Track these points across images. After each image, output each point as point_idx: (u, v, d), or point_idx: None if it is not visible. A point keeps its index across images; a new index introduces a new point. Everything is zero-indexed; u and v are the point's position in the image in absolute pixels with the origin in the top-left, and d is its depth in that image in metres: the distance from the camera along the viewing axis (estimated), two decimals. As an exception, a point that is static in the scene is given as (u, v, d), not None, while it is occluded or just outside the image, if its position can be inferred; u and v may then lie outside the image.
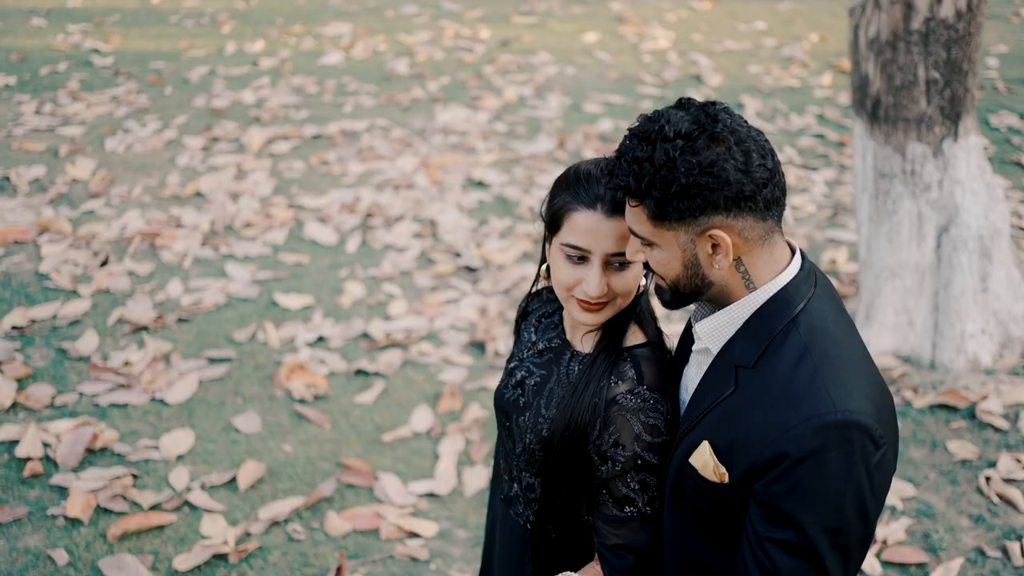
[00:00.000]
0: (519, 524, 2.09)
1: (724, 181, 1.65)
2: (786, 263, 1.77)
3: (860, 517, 1.65)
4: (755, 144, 1.68)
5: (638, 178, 1.69)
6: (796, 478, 1.63)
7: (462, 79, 8.91)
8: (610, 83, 8.88)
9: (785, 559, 1.66)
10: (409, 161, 7.09)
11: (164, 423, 4.46)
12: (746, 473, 1.69)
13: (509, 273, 5.67)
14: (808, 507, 1.63)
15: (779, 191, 1.71)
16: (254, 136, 7.44)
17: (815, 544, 1.64)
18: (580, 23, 10.71)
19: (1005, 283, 4.79)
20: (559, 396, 1.95)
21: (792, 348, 1.70)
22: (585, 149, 7.38)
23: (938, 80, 4.44)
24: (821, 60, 9.58)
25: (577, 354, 1.98)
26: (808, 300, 1.73)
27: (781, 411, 1.65)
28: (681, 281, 1.77)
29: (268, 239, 6.04)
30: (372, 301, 5.42)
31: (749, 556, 1.71)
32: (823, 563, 1.65)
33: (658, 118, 1.72)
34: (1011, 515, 3.98)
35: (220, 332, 5.13)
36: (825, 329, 1.72)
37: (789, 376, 1.67)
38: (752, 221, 1.69)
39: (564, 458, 1.89)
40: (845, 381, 1.66)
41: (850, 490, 1.63)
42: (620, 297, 1.87)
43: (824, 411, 1.62)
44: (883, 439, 1.65)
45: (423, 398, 4.67)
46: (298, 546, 3.82)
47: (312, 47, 9.82)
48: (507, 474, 2.12)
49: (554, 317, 2.10)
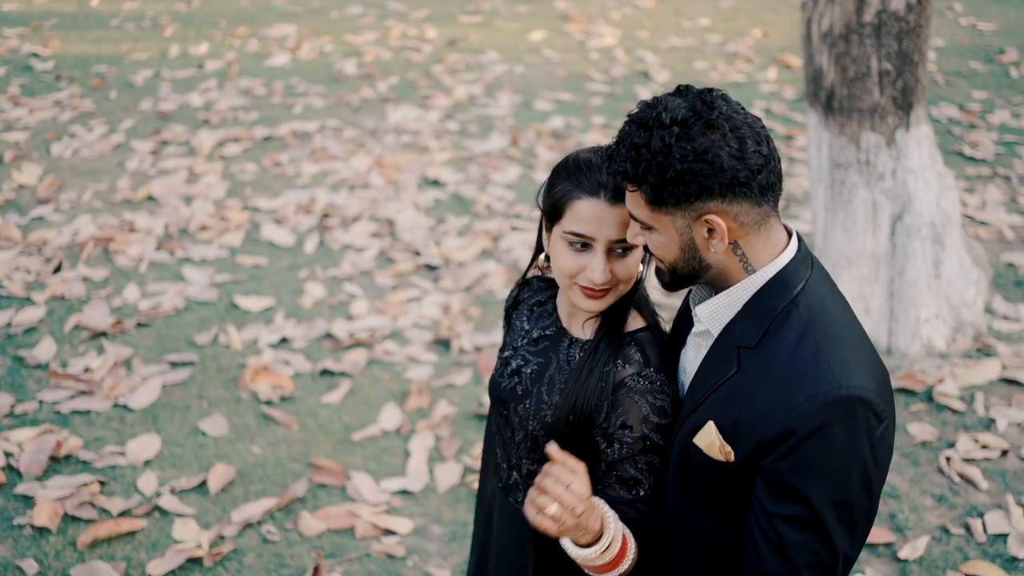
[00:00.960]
0: (519, 512, 2.10)
1: (718, 167, 1.69)
2: (783, 246, 1.81)
3: (865, 490, 1.70)
4: (750, 131, 1.72)
5: (635, 164, 1.72)
6: (803, 454, 1.67)
7: (411, 79, 8.90)
8: (559, 81, 8.93)
9: (793, 533, 1.70)
10: (363, 161, 7.07)
11: (129, 429, 4.41)
12: (752, 451, 1.73)
13: (470, 270, 5.69)
14: (814, 481, 1.67)
15: (774, 177, 1.74)
16: (204, 139, 7.37)
17: (822, 517, 1.68)
18: (526, 22, 10.75)
19: (957, 269, 4.91)
20: (561, 382, 1.97)
21: (793, 328, 1.73)
22: (538, 147, 7.42)
23: (890, 71, 4.54)
24: (765, 55, 9.72)
25: (576, 341, 2.01)
26: (806, 281, 1.78)
27: (786, 390, 1.69)
28: (679, 264, 1.81)
29: (224, 242, 5.98)
30: (333, 301, 5.40)
31: (757, 533, 1.75)
32: (830, 536, 1.70)
33: (656, 105, 1.75)
34: (972, 493, 4.09)
35: (181, 336, 5.08)
36: (824, 308, 1.76)
37: (792, 355, 1.71)
38: (747, 206, 1.73)
39: (569, 443, 1.91)
40: (847, 358, 1.70)
41: (855, 464, 1.68)
42: (622, 283, 1.90)
43: (828, 388, 1.67)
44: (885, 413, 1.70)
45: (390, 396, 4.66)
46: (273, 547, 3.79)
47: (258, 49, 9.73)
48: (505, 462, 2.13)
49: (547, 305, 2.12)
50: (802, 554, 1.70)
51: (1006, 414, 4.50)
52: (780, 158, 1.78)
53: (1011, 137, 7.73)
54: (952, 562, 3.74)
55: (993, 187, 6.78)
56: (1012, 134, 7.80)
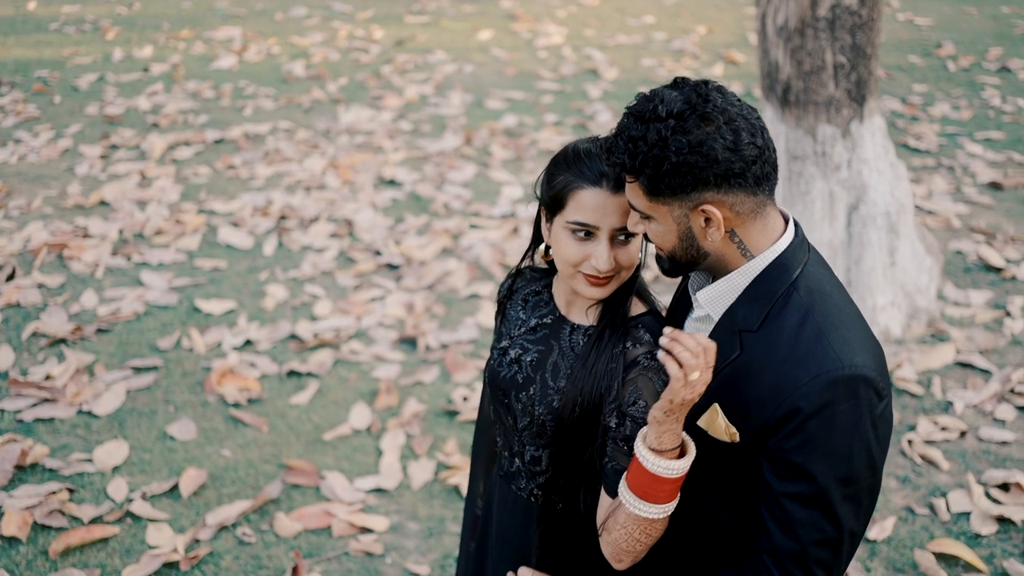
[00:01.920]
0: (521, 498, 2.13)
1: (713, 160, 1.73)
2: (781, 232, 1.85)
3: (868, 466, 1.75)
4: (745, 123, 1.76)
5: (632, 156, 1.76)
6: (808, 432, 1.71)
7: (361, 79, 8.88)
8: (509, 79, 8.97)
9: (800, 510, 1.75)
10: (317, 162, 7.04)
11: (95, 435, 4.35)
12: (758, 431, 1.77)
13: (431, 269, 5.69)
14: (819, 459, 1.72)
15: (769, 167, 1.79)
16: (154, 143, 7.28)
17: (828, 494, 1.73)
18: (473, 21, 10.78)
19: (910, 257, 5.04)
20: (566, 368, 2.00)
21: (794, 310, 1.78)
22: (492, 145, 7.45)
23: (845, 64, 4.65)
24: (711, 52, 9.85)
25: (579, 327, 2.04)
26: (804, 265, 1.83)
27: (790, 370, 1.74)
28: (678, 252, 1.85)
29: (181, 245, 5.92)
30: (296, 302, 5.38)
31: (765, 512, 1.79)
32: (836, 512, 1.74)
33: (653, 97, 1.79)
34: (934, 474, 4.20)
35: (143, 341, 5.02)
36: (823, 291, 1.82)
37: (794, 337, 1.76)
38: (743, 196, 1.77)
39: (577, 427, 1.95)
40: (848, 338, 1.76)
41: (859, 440, 1.73)
42: (624, 269, 1.93)
43: (831, 367, 1.72)
44: (884, 391, 1.76)
45: (359, 396, 4.66)
46: (250, 549, 3.78)
47: (203, 52, 9.64)
48: (506, 450, 2.15)
49: (543, 295, 2.15)
50: (809, 531, 1.75)
51: (962, 396, 4.62)
52: (775, 148, 1.83)
53: (952, 129, 7.92)
54: (919, 541, 3.84)
55: (938, 177, 6.95)
56: (953, 126, 8.00)
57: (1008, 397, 4.63)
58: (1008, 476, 4.13)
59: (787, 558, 1.78)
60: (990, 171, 7.06)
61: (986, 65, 9.51)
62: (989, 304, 5.37)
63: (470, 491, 2.47)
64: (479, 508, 2.39)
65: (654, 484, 1.80)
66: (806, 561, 1.77)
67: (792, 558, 1.78)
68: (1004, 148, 7.53)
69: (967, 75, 9.25)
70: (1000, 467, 4.23)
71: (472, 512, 2.43)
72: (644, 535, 1.84)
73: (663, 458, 1.78)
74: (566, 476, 2.02)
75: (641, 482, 1.80)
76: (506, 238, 6.06)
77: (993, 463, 4.25)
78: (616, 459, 1.89)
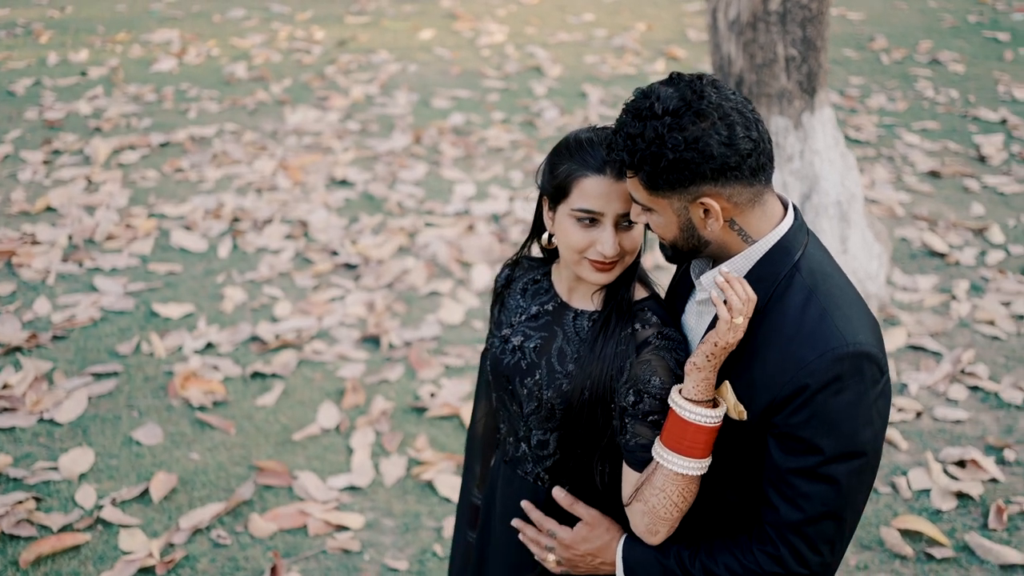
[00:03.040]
0: (528, 482, 2.17)
1: (708, 155, 1.79)
2: (781, 216, 1.92)
3: (872, 440, 1.82)
4: (740, 117, 1.82)
5: (631, 153, 1.82)
6: (815, 407, 1.78)
7: (305, 80, 8.83)
8: (454, 78, 8.99)
9: (805, 484, 1.81)
10: (267, 164, 7.00)
11: (59, 443, 4.29)
12: (766, 408, 1.83)
13: (389, 267, 5.70)
14: (826, 432, 1.78)
15: (765, 158, 1.85)
16: (99, 147, 7.17)
17: (834, 467, 1.80)
18: (414, 21, 10.77)
19: (861, 244, 5.17)
20: (573, 352, 2.04)
21: (798, 291, 1.85)
22: (441, 144, 7.46)
23: (796, 57, 4.76)
24: (652, 48, 9.97)
25: (582, 312, 2.08)
26: (805, 247, 1.89)
27: (797, 349, 1.80)
28: (679, 241, 1.92)
29: (134, 250, 5.85)
30: (255, 304, 5.34)
31: (772, 491, 1.85)
32: (841, 485, 1.81)
33: (649, 94, 1.84)
34: (893, 453, 4.32)
35: (101, 347, 4.95)
36: (824, 272, 1.88)
37: (799, 317, 1.83)
38: (740, 187, 1.83)
39: (586, 409, 1.99)
40: (850, 317, 1.83)
41: (862, 415, 1.80)
42: (628, 254, 1.98)
43: (837, 345, 1.78)
44: (885, 368, 1.83)
45: (325, 395, 4.65)
46: (225, 551, 3.76)
47: (142, 55, 9.51)
48: (511, 436, 2.19)
49: (542, 283, 2.19)
50: (815, 504, 1.81)
51: (916, 378, 4.76)
52: (771, 139, 1.89)
53: (889, 120, 8.12)
54: (884, 518, 3.95)
55: (880, 167, 7.13)
56: (890, 117, 8.21)
57: (959, 378, 4.78)
58: (963, 453, 4.27)
59: (792, 531, 1.84)
60: (928, 160, 7.26)
61: (917, 57, 9.77)
62: (936, 289, 5.53)
63: (465, 482, 2.49)
64: (476, 497, 2.42)
65: (692, 435, 1.87)
66: (810, 534, 1.84)
67: (797, 531, 1.84)
68: (940, 138, 7.74)
69: (900, 67, 9.49)
70: (955, 445, 4.36)
71: (468, 502, 2.46)
72: (680, 498, 1.89)
73: (700, 407, 1.85)
74: (575, 458, 2.06)
75: (678, 435, 1.87)
76: (462, 235, 6.08)
77: (949, 441, 4.39)
78: (639, 434, 1.94)
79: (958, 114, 8.26)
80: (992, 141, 7.61)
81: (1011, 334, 5.16)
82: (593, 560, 2.07)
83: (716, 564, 1.92)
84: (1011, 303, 5.42)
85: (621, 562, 2.02)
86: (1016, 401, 4.62)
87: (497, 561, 2.27)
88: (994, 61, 9.63)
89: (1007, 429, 4.46)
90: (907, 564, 3.74)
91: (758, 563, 1.88)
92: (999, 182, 6.92)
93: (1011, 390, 4.69)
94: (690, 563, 1.94)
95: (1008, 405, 4.62)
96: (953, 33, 10.58)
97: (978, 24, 10.86)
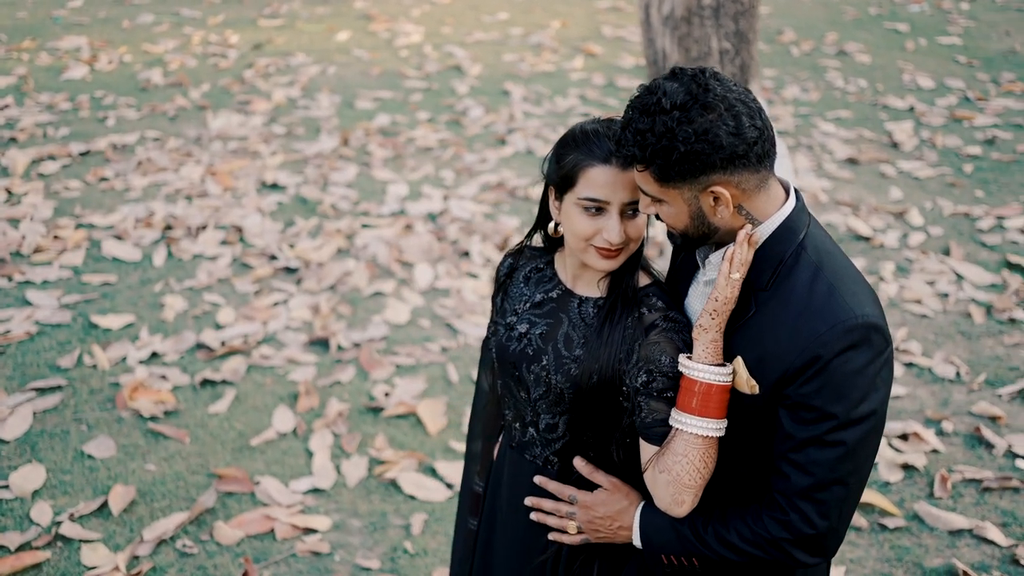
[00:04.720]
0: (536, 465, 2.21)
1: (718, 146, 1.87)
2: (783, 199, 2.00)
3: (879, 407, 1.92)
4: (744, 106, 1.90)
5: (642, 148, 1.89)
6: (827, 376, 1.87)
7: (224, 85, 8.71)
8: (375, 79, 8.96)
9: (818, 452, 1.89)
10: (194, 170, 6.90)
11: (7, 461, 4.18)
12: (778, 380, 1.91)
13: (330, 270, 5.68)
14: (837, 400, 1.87)
15: (769, 145, 1.94)
16: (16, 158, 6.98)
17: (843, 433, 1.88)
18: (329, 23, 10.70)
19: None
20: (579, 337, 2.10)
21: (805, 268, 1.94)
22: (370, 145, 7.45)
23: (729, 50, 4.88)
24: (568, 45, 10.08)
25: (587, 299, 2.13)
26: (808, 227, 1.98)
27: (807, 323, 1.89)
28: (690, 230, 2.00)
29: (65, 262, 5.72)
30: (197, 312, 5.27)
31: (783, 461, 1.93)
32: (850, 451, 1.90)
33: (655, 90, 1.91)
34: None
35: (40, 361, 4.84)
36: (828, 249, 1.98)
37: (808, 293, 1.91)
38: (747, 174, 1.92)
39: (595, 392, 2.04)
40: (856, 290, 1.92)
41: (871, 383, 1.89)
42: (632, 242, 2.04)
43: (846, 317, 1.88)
44: (890, 339, 1.93)
45: (279, 400, 4.63)
46: (193, 560, 3.72)
47: (50, 62, 9.26)
48: (518, 422, 2.23)
49: (545, 271, 2.24)
50: (825, 470, 1.90)
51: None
52: (772, 126, 1.97)
53: (805, 110, 8.37)
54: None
55: (800, 155, 7.35)
56: (805, 107, 8.45)
57: (895, 355, 4.97)
58: (905, 427, 4.44)
59: (801, 497, 1.93)
60: (845, 148, 7.51)
61: (825, 49, 10.07)
62: (864, 271, 5.73)
63: (467, 471, 2.53)
64: (478, 484, 2.46)
65: (706, 395, 1.94)
66: (820, 499, 1.92)
67: (807, 496, 1.92)
68: (853, 126, 8.01)
69: (809, 59, 9.78)
70: (897, 419, 4.54)
71: (471, 490, 2.49)
72: (702, 463, 1.95)
73: (712, 367, 1.93)
74: (584, 439, 2.12)
75: (693, 397, 1.95)
76: (400, 235, 6.09)
77: (890, 416, 4.56)
78: (655, 410, 2.00)
79: (868, 103, 8.55)
80: (903, 128, 7.90)
81: (938, 311, 5.38)
82: (612, 524, 2.12)
83: (728, 531, 2.00)
84: (935, 282, 5.65)
85: (638, 527, 2.09)
86: (949, 375, 4.82)
87: (506, 547, 2.31)
88: (897, 51, 9.98)
89: (943, 402, 4.66)
90: (862, 535, 3.89)
91: (767, 529, 1.97)
92: (913, 167, 7.19)
93: (943, 365, 4.89)
94: (703, 530, 2.02)
95: (942, 379, 4.82)
96: (856, 25, 10.94)
97: (879, 16, 11.25)
